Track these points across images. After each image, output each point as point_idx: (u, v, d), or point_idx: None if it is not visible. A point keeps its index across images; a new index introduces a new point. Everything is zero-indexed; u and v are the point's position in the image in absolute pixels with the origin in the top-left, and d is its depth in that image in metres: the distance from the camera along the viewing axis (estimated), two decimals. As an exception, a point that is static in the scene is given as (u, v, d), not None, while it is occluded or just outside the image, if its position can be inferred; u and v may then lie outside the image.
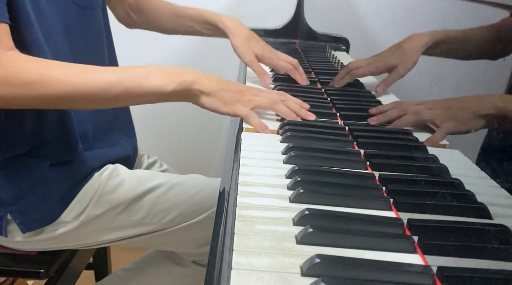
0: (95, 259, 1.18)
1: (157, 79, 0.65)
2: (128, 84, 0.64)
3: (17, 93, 0.61)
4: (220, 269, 0.38)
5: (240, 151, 0.59)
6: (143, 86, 0.65)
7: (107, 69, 0.65)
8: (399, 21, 1.38)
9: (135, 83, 0.64)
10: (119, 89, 0.64)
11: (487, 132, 0.77)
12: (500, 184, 0.57)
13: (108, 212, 0.79)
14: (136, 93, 0.65)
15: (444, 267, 0.38)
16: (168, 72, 0.66)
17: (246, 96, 0.70)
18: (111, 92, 0.63)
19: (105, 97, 0.64)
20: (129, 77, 0.64)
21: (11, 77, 0.60)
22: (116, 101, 0.67)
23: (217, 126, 1.63)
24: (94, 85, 0.63)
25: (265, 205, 0.46)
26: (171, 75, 0.66)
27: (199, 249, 0.90)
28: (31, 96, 0.61)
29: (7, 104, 0.64)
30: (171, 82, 0.66)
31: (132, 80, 0.64)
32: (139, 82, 0.64)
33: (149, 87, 0.65)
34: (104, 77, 0.63)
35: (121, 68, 0.68)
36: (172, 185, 0.84)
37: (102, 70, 0.65)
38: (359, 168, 0.57)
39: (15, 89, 0.60)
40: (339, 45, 1.36)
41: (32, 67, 0.62)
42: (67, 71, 0.63)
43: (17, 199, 0.73)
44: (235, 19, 0.92)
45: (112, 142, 0.88)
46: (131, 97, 0.66)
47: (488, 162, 0.71)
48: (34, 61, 0.63)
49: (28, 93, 0.61)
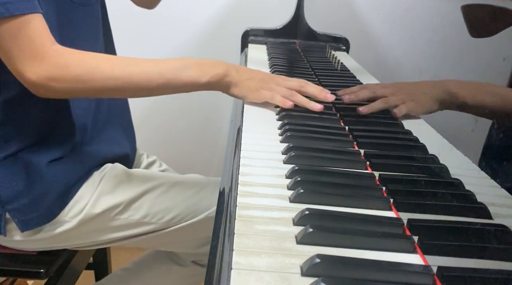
0: (95, 259, 1.18)
1: (193, 72, 0.70)
2: (168, 76, 0.69)
3: (66, 87, 0.65)
4: (220, 269, 0.38)
5: (240, 151, 0.59)
6: (181, 78, 0.70)
7: (148, 62, 0.70)
8: (399, 21, 1.38)
9: (174, 75, 0.69)
10: (160, 81, 0.69)
11: (489, 132, 0.78)
12: (502, 184, 0.57)
13: (107, 212, 0.79)
14: (174, 85, 0.70)
15: (444, 267, 0.38)
16: (203, 65, 0.72)
17: (269, 84, 0.75)
18: (152, 83, 0.69)
19: (147, 88, 0.70)
20: (168, 70, 0.69)
21: (62, 73, 0.64)
22: (156, 91, 0.71)
23: (217, 126, 1.63)
24: (137, 78, 0.68)
25: (265, 205, 0.46)
26: (205, 68, 0.71)
27: (198, 249, 0.90)
28: (80, 89, 0.66)
29: (55, 95, 0.68)
30: (205, 74, 0.71)
31: (171, 72, 0.69)
32: (178, 74, 0.70)
33: (186, 79, 0.70)
34: (146, 70, 0.68)
35: (160, 60, 0.71)
36: (171, 185, 0.84)
37: (144, 62, 0.69)
38: (359, 168, 0.57)
39: (65, 83, 0.65)
40: (339, 45, 1.36)
41: (80, 61, 0.66)
42: (113, 64, 0.67)
43: (15, 197, 0.73)
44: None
45: (111, 138, 0.88)
46: (170, 88, 0.71)
47: (491, 162, 0.72)
48: (80, 54, 0.67)
49: (77, 86, 0.65)
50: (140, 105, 1.58)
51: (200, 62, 0.72)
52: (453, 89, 0.73)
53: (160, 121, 1.64)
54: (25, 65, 0.63)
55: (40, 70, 0.63)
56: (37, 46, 0.63)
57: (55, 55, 0.64)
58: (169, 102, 1.59)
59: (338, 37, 1.37)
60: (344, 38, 1.36)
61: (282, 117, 0.72)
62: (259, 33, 1.36)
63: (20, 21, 0.61)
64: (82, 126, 0.80)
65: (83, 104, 0.80)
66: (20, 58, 0.62)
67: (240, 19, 1.45)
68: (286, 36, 1.37)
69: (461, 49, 1.11)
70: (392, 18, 1.41)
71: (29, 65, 0.63)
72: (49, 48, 0.63)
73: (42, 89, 0.65)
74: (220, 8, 1.46)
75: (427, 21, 1.30)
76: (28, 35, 0.62)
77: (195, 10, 1.46)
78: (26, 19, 0.62)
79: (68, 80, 0.64)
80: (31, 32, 0.62)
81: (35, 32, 0.62)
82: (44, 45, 0.63)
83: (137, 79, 0.68)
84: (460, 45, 1.07)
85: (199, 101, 1.59)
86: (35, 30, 0.63)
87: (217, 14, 1.47)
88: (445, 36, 1.20)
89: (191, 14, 1.46)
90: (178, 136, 1.66)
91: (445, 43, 0.95)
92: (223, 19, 1.47)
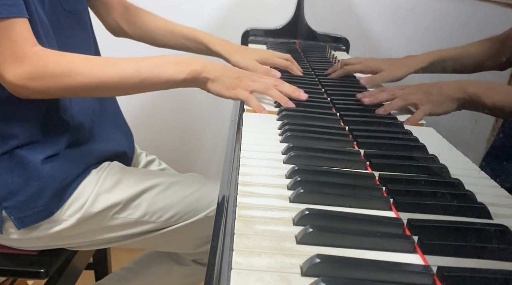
0: (95, 259, 1.18)
1: (171, 69, 0.71)
2: (145, 75, 0.70)
3: (45, 86, 0.66)
4: (220, 269, 0.38)
5: (240, 151, 0.59)
6: (158, 76, 0.71)
7: (126, 61, 0.71)
8: (400, 21, 1.38)
9: (151, 73, 0.70)
10: (137, 79, 0.70)
11: (496, 133, 0.79)
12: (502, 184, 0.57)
13: (105, 211, 0.79)
14: (152, 82, 0.71)
15: (444, 267, 0.38)
16: (179, 62, 0.73)
17: (245, 81, 0.76)
18: (130, 82, 0.70)
19: (124, 87, 0.71)
20: (146, 68, 0.70)
21: (41, 71, 0.65)
22: (134, 89, 0.72)
23: (217, 126, 1.63)
24: (115, 77, 0.69)
25: (265, 205, 0.46)
26: (182, 65, 0.72)
27: (198, 249, 0.90)
28: (58, 88, 0.67)
29: (35, 96, 0.69)
30: (182, 71, 0.72)
31: (148, 71, 0.70)
32: (155, 72, 0.71)
33: (163, 76, 0.71)
34: (124, 68, 0.70)
35: (137, 59, 0.72)
36: (170, 184, 0.84)
37: (121, 61, 0.70)
38: (359, 168, 0.57)
39: (44, 82, 0.66)
40: (339, 45, 1.36)
41: (59, 61, 0.67)
42: (91, 63, 0.69)
43: (11, 194, 0.73)
44: (224, 40, 0.99)
45: (107, 136, 0.89)
46: (148, 85, 0.72)
47: (495, 161, 0.73)
48: (59, 55, 0.68)
49: (56, 85, 0.67)
50: (140, 105, 1.58)
51: (177, 59, 0.73)
52: (470, 89, 0.75)
53: (160, 121, 1.64)
54: (5, 67, 0.64)
55: (19, 71, 0.64)
56: (18, 47, 0.64)
57: (35, 55, 0.65)
58: (169, 102, 1.59)
59: (338, 37, 1.37)
60: (344, 38, 1.36)
61: (282, 117, 0.72)
62: (259, 33, 1.36)
63: (3, 24, 0.63)
64: (79, 125, 0.80)
65: (80, 103, 0.81)
66: (0, 60, 0.64)
67: (240, 19, 1.45)
68: (286, 36, 1.37)
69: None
70: (392, 18, 1.41)
71: (9, 66, 0.64)
72: (29, 50, 0.65)
73: (21, 89, 0.67)
74: (220, 8, 1.47)
75: (427, 21, 1.30)
76: (9, 38, 0.63)
77: (195, 10, 1.46)
78: (10, 22, 0.63)
79: (47, 78, 0.66)
80: (13, 35, 0.63)
81: (16, 34, 0.64)
82: (24, 47, 0.64)
83: (115, 78, 0.69)
84: (460, 45, 1.07)
85: (199, 101, 1.59)
86: (17, 33, 0.64)
87: (217, 14, 1.47)
88: (445, 36, 1.20)
89: (191, 14, 1.46)
90: (178, 136, 1.66)
91: (445, 43, 0.96)
92: (223, 19, 1.47)
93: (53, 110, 0.75)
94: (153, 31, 1.00)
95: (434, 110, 0.77)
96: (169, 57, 0.73)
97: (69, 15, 0.78)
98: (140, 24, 1.00)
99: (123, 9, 0.99)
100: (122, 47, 1.11)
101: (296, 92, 0.78)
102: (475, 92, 0.74)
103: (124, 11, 0.99)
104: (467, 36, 0.95)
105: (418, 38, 1.36)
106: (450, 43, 0.94)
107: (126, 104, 1.09)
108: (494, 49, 0.87)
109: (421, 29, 1.25)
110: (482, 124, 0.89)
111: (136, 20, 1.00)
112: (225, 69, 0.76)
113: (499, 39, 0.88)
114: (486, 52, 0.89)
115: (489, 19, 0.90)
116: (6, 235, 0.76)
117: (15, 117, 0.73)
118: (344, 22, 1.45)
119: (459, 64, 0.91)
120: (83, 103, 0.82)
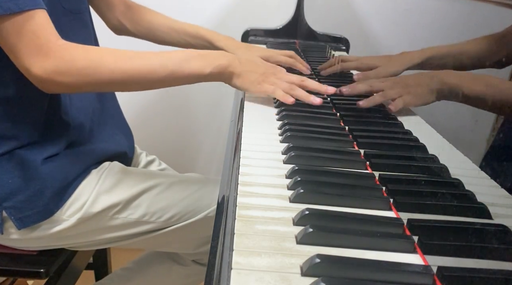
0: (95, 259, 1.18)
1: (197, 63, 0.71)
2: (171, 68, 0.70)
3: (72, 81, 0.66)
4: (220, 269, 0.38)
5: (240, 151, 0.59)
6: (184, 70, 0.71)
7: (151, 54, 0.70)
8: (399, 21, 1.38)
9: (178, 67, 0.70)
10: (163, 73, 0.69)
11: (496, 133, 0.79)
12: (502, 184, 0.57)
13: (105, 211, 0.79)
14: (178, 76, 0.71)
15: (444, 267, 0.38)
16: (205, 56, 0.73)
17: (270, 78, 0.76)
18: (156, 75, 0.69)
19: (150, 81, 0.70)
20: (172, 62, 0.70)
21: (68, 66, 0.65)
22: (160, 83, 0.72)
23: (217, 126, 1.63)
24: (141, 70, 0.68)
25: (265, 205, 0.46)
26: (208, 59, 0.72)
27: (198, 249, 0.90)
28: (86, 82, 0.67)
29: (62, 90, 0.70)
30: (208, 66, 0.71)
31: (174, 64, 0.70)
32: (181, 66, 0.70)
33: (189, 70, 0.71)
34: (150, 62, 0.69)
35: (163, 52, 0.72)
36: (170, 184, 0.84)
37: (147, 55, 0.70)
38: (359, 168, 0.57)
39: (71, 77, 0.65)
40: (339, 45, 1.36)
41: (85, 55, 0.67)
42: (116, 57, 0.68)
43: (11, 194, 0.72)
44: (228, 37, 0.99)
45: (107, 136, 0.88)
46: (174, 80, 0.71)
47: (495, 162, 0.73)
48: (85, 49, 0.68)
49: (82, 80, 0.66)
50: (140, 104, 1.58)
51: (203, 53, 0.73)
52: (450, 79, 0.75)
53: (160, 121, 1.64)
54: (31, 61, 0.63)
55: (46, 65, 0.64)
56: (42, 41, 0.63)
57: (60, 49, 0.64)
58: (169, 101, 1.59)
59: (338, 37, 1.37)
60: (344, 38, 1.36)
61: (282, 117, 0.72)
62: (259, 33, 1.35)
63: (23, 17, 0.62)
64: (79, 125, 0.80)
65: (80, 103, 0.81)
66: (25, 54, 0.63)
67: (240, 19, 1.45)
68: (286, 36, 1.37)
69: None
70: (392, 18, 1.41)
71: (35, 60, 0.63)
72: (54, 43, 0.64)
73: (49, 83, 0.66)
74: (220, 8, 1.46)
75: (427, 21, 1.30)
76: (32, 31, 0.63)
77: (195, 10, 1.46)
78: (30, 14, 0.62)
79: (74, 73, 0.65)
80: (35, 28, 0.63)
81: (39, 27, 0.63)
82: (49, 40, 0.64)
83: (141, 71, 0.69)
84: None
85: (199, 101, 1.59)
86: (39, 25, 0.63)
87: (217, 14, 1.47)
88: (444, 35, 1.21)
89: (191, 14, 1.46)
90: (178, 136, 1.66)
91: (444, 42, 0.96)
92: (223, 19, 1.47)
93: (53, 110, 0.75)
94: (156, 29, 1.00)
95: (413, 102, 0.78)
96: (195, 51, 0.73)
97: (69, 14, 0.78)
98: (143, 22, 1.00)
99: (125, 8, 0.99)
100: (123, 46, 1.11)
101: (323, 87, 0.78)
102: (456, 83, 0.75)
103: (126, 9, 0.99)
104: (466, 35, 0.95)
105: (418, 38, 1.36)
106: (450, 43, 0.95)
107: (126, 104, 1.09)
108: (492, 47, 0.88)
109: (420, 29, 1.25)
110: (482, 124, 0.89)
111: (139, 18, 0.99)
112: (251, 64, 0.76)
113: (496, 38, 0.88)
114: (483, 49, 0.90)
115: (488, 19, 0.90)
116: (6, 235, 0.76)
117: (15, 117, 0.73)
118: (344, 22, 1.45)
119: (455, 61, 0.92)
120: (83, 103, 0.82)
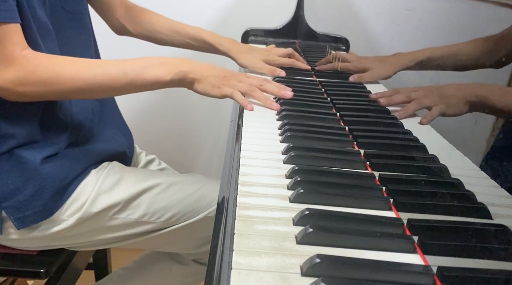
0: (95, 259, 1.18)
1: (157, 70, 0.72)
2: (132, 76, 0.71)
3: (33, 90, 0.67)
4: (220, 269, 0.38)
5: (240, 151, 0.59)
6: (144, 77, 0.71)
7: (113, 63, 0.71)
8: (399, 21, 1.38)
9: (138, 75, 0.71)
10: (124, 81, 0.70)
11: (496, 133, 0.80)
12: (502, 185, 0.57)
13: (105, 211, 0.79)
14: (139, 84, 0.72)
15: (444, 267, 0.38)
16: (166, 63, 0.73)
17: (231, 81, 0.77)
18: (117, 83, 0.70)
19: (111, 88, 0.71)
20: (132, 69, 0.71)
21: (30, 76, 0.66)
22: (121, 91, 0.73)
23: (217, 126, 1.63)
24: (102, 79, 0.69)
25: (265, 205, 0.46)
26: (168, 66, 0.73)
27: (199, 249, 0.90)
28: (48, 92, 0.68)
29: (24, 99, 0.70)
30: (169, 73, 0.72)
31: (135, 72, 0.71)
32: (141, 73, 0.71)
33: (150, 78, 0.72)
34: (110, 70, 0.70)
35: (124, 60, 0.72)
36: (170, 184, 0.84)
37: (108, 63, 0.71)
38: (359, 168, 0.57)
39: (31, 87, 0.67)
40: (339, 45, 1.36)
41: (47, 65, 0.67)
42: (78, 66, 0.69)
43: (11, 194, 0.73)
44: (231, 39, 1.00)
45: (107, 136, 0.89)
46: (135, 87, 0.72)
47: (495, 162, 0.73)
48: (47, 58, 0.68)
49: (44, 89, 0.67)
50: (139, 104, 1.58)
51: (163, 61, 0.74)
52: (481, 92, 0.76)
53: (160, 120, 1.64)
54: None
55: (7, 75, 0.65)
56: (7, 51, 0.65)
57: (23, 59, 0.66)
58: (169, 101, 1.59)
59: (338, 37, 1.37)
60: (344, 38, 1.36)
61: (282, 117, 0.72)
62: (259, 33, 1.36)
63: None
64: (78, 124, 0.80)
65: (79, 103, 0.81)
66: None
67: (240, 19, 1.45)
68: (286, 36, 1.37)
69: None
70: (392, 18, 1.41)
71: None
72: (18, 54, 0.65)
73: (10, 93, 0.67)
74: (220, 8, 1.46)
75: (427, 21, 1.30)
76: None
77: (195, 10, 1.46)
78: (1, 27, 0.64)
79: (35, 83, 0.67)
80: (2, 39, 0.64)
81: (6, 39, 0.64)
82: (14, 51, 0.65)
83: (102, 80, 0.70)
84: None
85: (199, 100, 1.58)
86: (7, 37, 0.64)
87: (217, 14, 1.47)
88: (445, 36, 1.20)
89: (191, 14, 1.46)
90: (178, 136, 1.66)
91: (445, 43, 0.96)
92: (223, 19, 1.47)
93: (52, 110, 0.76)
94: (158, 31, 1.00)
95: (447, 111, 0.78)
96: (155, 59, 0.74)
97: (69, 16, 0.79)
98: (144, 24, 1.00)
99: (125, 10, 0.99)
100: (122, 47, 1.11)
101: (281, 91, 0.79)
102: (485, 95, 0.75)
103: (127, 11, 0.99)
104: (467, 36, 0.95)
105: (418, 38, 1.36)
106: (450, 43, 0.95)
107: (126, 104, 1.09)
108: (489, 47, 0.88)
109: (421, 29, 1.25)
110: (482, 124, 0.89)
111: (140, 20, 1.00)
112: (210, 69, 0.77)
113: (493, 39, 0.88)
114: (480, 50, 0.90)
115: (489, 20, 0.90)
116: (6, 235, 0.76)
117: (14, 117, 0.73)
118: (344, 22, 1.45)
119: (451, 62, 0.92)
120: (83, 103, 0.82)
